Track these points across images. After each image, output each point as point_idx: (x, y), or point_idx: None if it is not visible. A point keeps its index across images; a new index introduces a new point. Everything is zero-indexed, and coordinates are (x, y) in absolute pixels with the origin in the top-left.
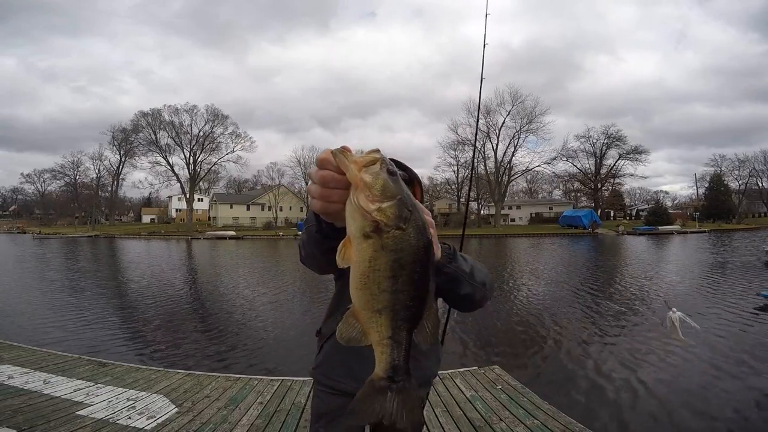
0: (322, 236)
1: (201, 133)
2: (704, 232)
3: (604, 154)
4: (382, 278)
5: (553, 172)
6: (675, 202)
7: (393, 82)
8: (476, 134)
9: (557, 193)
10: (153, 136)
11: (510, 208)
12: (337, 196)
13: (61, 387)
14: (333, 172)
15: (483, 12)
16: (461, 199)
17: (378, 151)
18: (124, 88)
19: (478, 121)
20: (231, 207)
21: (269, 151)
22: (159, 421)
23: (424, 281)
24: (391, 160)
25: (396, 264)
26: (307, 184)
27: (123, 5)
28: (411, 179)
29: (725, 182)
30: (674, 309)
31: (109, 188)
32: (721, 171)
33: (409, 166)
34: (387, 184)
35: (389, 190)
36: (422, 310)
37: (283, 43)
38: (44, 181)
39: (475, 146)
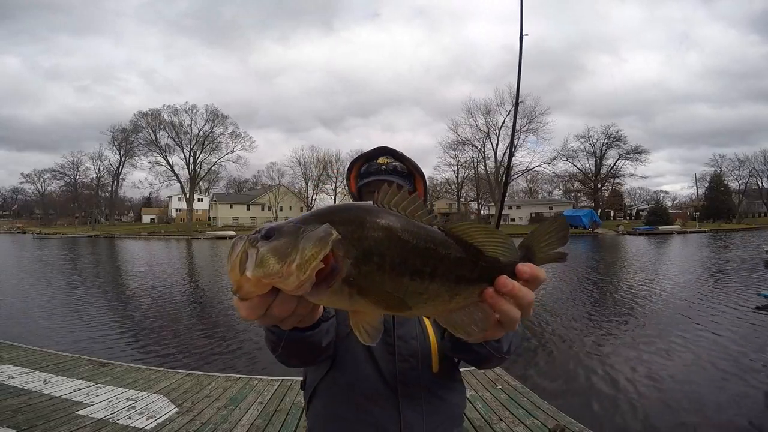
0: (301, 333)
1: (201, 133)
2: (704, 232)
3: (604, 154)
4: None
5: (553, 172)
6: (675, 202)
7: (395, 83)
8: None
9: (557, 193)
10: (153, 136)
11: (510, 208)
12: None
13: (61, 387)
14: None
15: (484, 13)
16: (461, 199)
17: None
18: (128, 88)
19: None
20: (231, 207)
21: (271, 151)
22: (159, 421)
23: None
24: (388, 147)
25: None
26: (306, 184)
27: (130, 4)
28: (410, 171)
29: (725, 182)
30: None
31: (109, 188)
32: (721, 171)
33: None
34: (285, 242)
35: (294, 240)
36: None
37: (286, 41)
38: (44, 181)
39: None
